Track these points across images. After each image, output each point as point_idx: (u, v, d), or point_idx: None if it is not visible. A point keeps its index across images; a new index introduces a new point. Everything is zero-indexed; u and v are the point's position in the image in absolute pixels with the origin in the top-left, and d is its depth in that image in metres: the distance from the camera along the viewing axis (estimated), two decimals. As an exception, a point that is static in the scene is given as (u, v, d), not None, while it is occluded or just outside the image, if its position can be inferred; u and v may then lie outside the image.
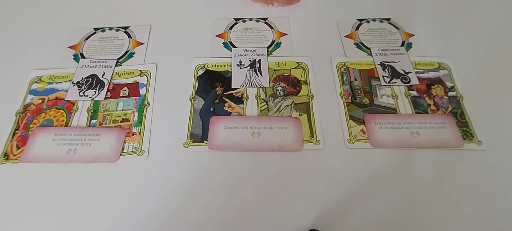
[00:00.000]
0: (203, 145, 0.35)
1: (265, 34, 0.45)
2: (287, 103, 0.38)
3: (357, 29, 0.45)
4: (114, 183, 0.32)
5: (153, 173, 0.33)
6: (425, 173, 0.33)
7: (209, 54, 0.42)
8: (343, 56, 0.42)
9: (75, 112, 0.37)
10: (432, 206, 0.31)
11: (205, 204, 0.31)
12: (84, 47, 0.43)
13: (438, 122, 0.36)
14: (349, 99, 0.38)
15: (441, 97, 0.38)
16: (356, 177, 0.33)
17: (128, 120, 0.36)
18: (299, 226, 0.30)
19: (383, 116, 0.36)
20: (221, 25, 0.46)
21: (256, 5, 0.48)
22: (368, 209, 0.31)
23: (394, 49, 0.43)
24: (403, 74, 0.40)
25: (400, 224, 0.30)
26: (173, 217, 0.31)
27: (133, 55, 0.42)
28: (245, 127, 0.35)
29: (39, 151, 0.34)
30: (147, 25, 0.46)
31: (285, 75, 0.40)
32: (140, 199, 0.31)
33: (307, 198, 0.32)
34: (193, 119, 0.36)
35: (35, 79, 0.40)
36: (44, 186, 0.32)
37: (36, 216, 0.31)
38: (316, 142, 0.35)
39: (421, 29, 0.45)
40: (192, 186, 0.32)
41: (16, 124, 0.36)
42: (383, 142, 0.35)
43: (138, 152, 0.34)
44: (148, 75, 0.40)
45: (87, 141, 0.34)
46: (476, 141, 0.35)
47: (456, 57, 0.42)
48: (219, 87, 0.39)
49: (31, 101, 0.38)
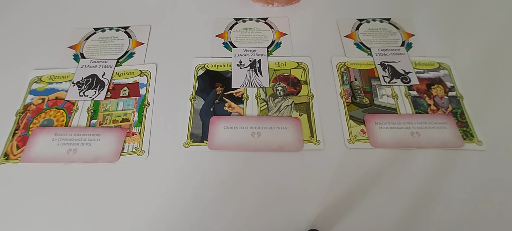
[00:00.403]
0: (203, 145, 0.35)
1: (265, 34, 0.45)
2: (287, 103, 0.38)
3: (357, 29, 0.45)
4: (114, 183, 0.32)
5: (153, 173, 0.33)
6: (425, 173, 0.33)
7: (209, 54, 0.42)
8: (343, 56, 0.42)
9: (75, 112, 0.37)
10: (432, 206, 0.31)
11: (205, 204, 0.31)
12: (84, 47, 0.43)
13: (438, 122, 0.36)
14: (349, 99, 0.38)
15: (441, 97, 0.38)
16: (356, 177, 0.33)
17: (128, 120, 0.36)
18: (299, 226, 0.30)
19: (383, 116, 0.36)
20: (221, 25, 0.46)
21: (256, 5, 0.48)
22: (368, 209, 0.31)
23: (394, 49, 0.43)
24: (403, 74, 0.40)
25: (400, 224, 0.30)
26: (173, 217, 0.31)
27: (133, 55, 0.42)
28: (245, 127, 0.35)
29: (39, 151, 0.34)
30: (147, 25, 0.46)
31: (285, 75, 0.40)
32: (140, 199, 0.31)
33: (307, 198, 0.32)
34: (193, 119, 0.36)
35: (35, 79, 0.40)
36: (44, 186, 0.32)
37: (36, 216, 0.31)
38: (316, 142, 0.35)
39: (421, 29, 0.45)
40: (192, 186, 0.32)
41: (16, 124, 0.36)
42: (383, 142, 0.35)
43: (138, 152, 0.34)
44: (148, 75, 0.40)
45: (87, 141, 0.34)
46: (476, 141, 0.35)
47: (456, 57, 0.42)
48: (219, 87, 0.39)
49: (31, 101, 0.38)
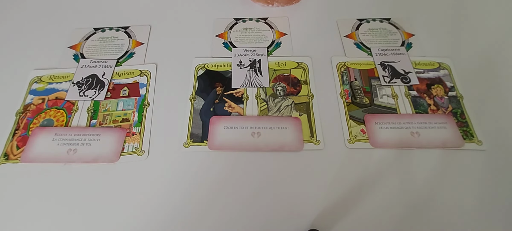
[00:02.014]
0: (203, 145, 0.35)
1: (265, 34, 0.45)
2: (287, 103, 0.38)
3: (357, 29, 0.45)
4: (114, 183, 0.32)
5: (153, 173, 0.33)
6: (425, 173, 0.33)
7: (209, 54, 0.42)
8: (343, 56, 0.42)
9: (75, 112, 0.37)
10: (432, 206, 0.31)
11: (205, 204, 0.31)
12: (84, 47, 0.43)
13: (438, 122, 0.36)
14: (349, 99, 0.38)
15: (441, 97, 0.38)
16: (356, 177, 0.33)
17: (128, 120, 0.36)
18: (299, 226, 0.30)
19: (383, 116, 0.36)
20: (221, 25, 0.46)
21: (256, 5, 0.48)
22: (368, 209, 0.31)
23: (394, 49, 0.43)
24: (403, 74, 0.40)
25: (400, 224, 0.30)
26: (173, 217, 0.31)
27: (133, 55, 0.42)
28: (245, 127, 0.35)
29: (39, 151, 0.34)
30: (147, 25, 0.46)
31: (285, 75, 0.40)
32: (140, 199, 0.31)
33: (307, 198, 0.32)
34: (193, 119, 0.36)
35: (35, 79, 0.40)
36: (44, 186, 0.32)
37: (36, 216, 0.31)
38: (316, 142, 0.35)
39: (421, 29, 0.45)
40: (192, 186, 0.32)
41: (16, 124, 0.36)
42: (383, 142, 0.35)
43: (138, 152, 0.34)
44: (148, 75, 0.40)
45: (87, 141, 0.34)
46: (476, 141, 0.35)
47: (456, 57, 0.42)
48: (219, 87, 0.39)
49: (31, 101, 0.38)
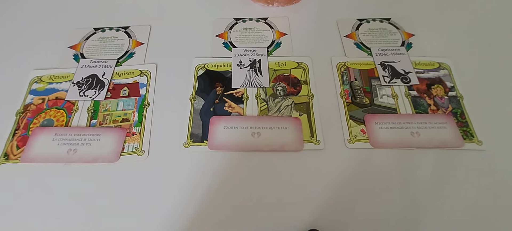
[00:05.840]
0: (203, 145, 0.35)
1: (265, 34, 0.45)
2: (287, 103, 0.38)
3: (357, 29, 0.45)
4: (114, 183, 0.32)
5: (153, 173, 0.33)
6: (425, 173, 0.33)
7: (209, 54, 0.42)
8: (343, 56, 0.42)
9: (75, 112, 0.37)
10: (432, 206, 0.31)
11: (205, 204, 0.31)
12: (84, 47, 0.43)
13: (438, 122, 0.36)
14: (349, 99, 0.38)
15: (441, 97, 0.38)
16: (356, 177, 0.33)
17: (128, 119, 0.36)
18: (299, 226, 0.30)
19: (383, 116, 0.36)
20: (221, 25, 0.46)
21: (256, 5, 0.48)
22: (368, 209, 0.31)
23: (394, 49, 0.43)
24: (403, 74, 0.40)
25: (400, 224, 0.30)
26: (173, 217, 0.30)
27: (133, 55, 0.42)
28: (245, 127, 0.35)
29: (39, 151, 0.34)
30: (147, 25, 0.46)
31: (285, 75, 0.40)
32: (140, 199, 0.31)
33: (307, 198, 0.32)
34: (193, 119, 0.36)
35: (35, 79, 0.40)
36: (44, 186, 0.32)
37: (36, 216, 0.31)
38: (316, 142, 0.35)
39: (421, 29, 0.45)
40: (192, 186, 0.32)
41: (16, 124, 0.36)
42: (383, 142, 0.35)
43: (138, 152, 0.34)
44: (148, 75, 0.40)
45: (87, 141, 0.34)
46: (476, 141, 0.35)
47: (456, 57, 0.42)
48: (219, 87, 0.39)
49: (31, 101, 0.38)
